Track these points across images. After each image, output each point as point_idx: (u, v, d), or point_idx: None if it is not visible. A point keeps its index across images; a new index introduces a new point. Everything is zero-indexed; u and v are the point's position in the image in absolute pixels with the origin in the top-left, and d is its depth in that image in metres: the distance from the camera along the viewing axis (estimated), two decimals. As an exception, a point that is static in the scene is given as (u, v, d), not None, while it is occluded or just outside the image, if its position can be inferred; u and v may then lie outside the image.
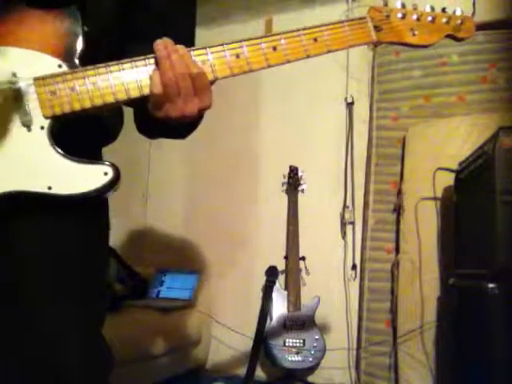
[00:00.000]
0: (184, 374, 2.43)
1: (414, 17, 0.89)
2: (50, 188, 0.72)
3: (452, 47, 2.38)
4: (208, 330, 2.63)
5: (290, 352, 2.27)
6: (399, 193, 2.35)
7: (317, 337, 2.29)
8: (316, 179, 2.54)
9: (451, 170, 2.01)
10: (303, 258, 2.46)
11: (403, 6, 0.89)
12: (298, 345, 2.28)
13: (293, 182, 2.48)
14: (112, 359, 0.83)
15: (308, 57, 0.85)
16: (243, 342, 2.53)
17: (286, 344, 2.28)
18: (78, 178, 0.73)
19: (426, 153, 2.26)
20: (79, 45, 0.75)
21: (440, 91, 2.40)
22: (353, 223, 2.54)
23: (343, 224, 2.55)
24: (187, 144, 3.38)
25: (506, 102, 2.22)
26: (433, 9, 0.91)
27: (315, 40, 0.83)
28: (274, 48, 0.82)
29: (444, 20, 0.91)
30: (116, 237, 2.91)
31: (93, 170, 0.74)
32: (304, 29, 0.83)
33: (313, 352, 2.27)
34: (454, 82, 2.37)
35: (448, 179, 2.05)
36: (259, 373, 2.44)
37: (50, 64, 0.74)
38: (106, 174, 0.73)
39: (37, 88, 0.73)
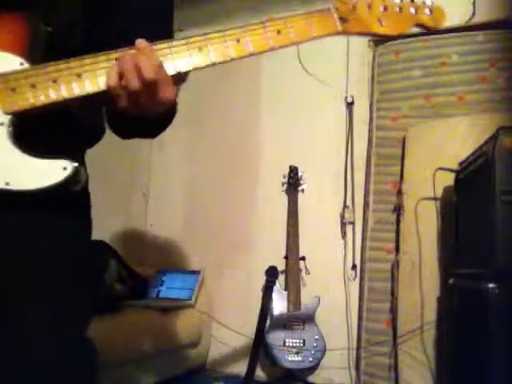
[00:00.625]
0: (184, 374, 2.43)
1: (381, 8, 0.88)
2: (7, 184, 0.72)
3: (452, 47, 2.39)
4: (208, 330, 2.63)
5: (290, 352, 2.27)
6: (399, 193, 2.35)
7: (317, 337, 2.29)
8: (316, 179, 2.54)
9: (451, 170, 2.01)
10: (303, 258, 2.46)
11: None
12: (297, 345, 2.28)
13: (293, 182, 2.48)
14: (93, 359, 0.82)
15: (272, 49, 0.84)
16: (243, 341, 2.53)
17: (286, 344, 2.28)
18: (36, 174, 0.73)
19: (426, 153, 2.26)
20: (41, 44, 0.76)
21: (440, 91, 2.40)
22: (353, 223, 2.54)
23: (343, 224, 2.55)
24: (187, 144, 3.40)
25: (506, 102, 2.22)
26: None
27: (278, 32, 0.83)
28: (238, 40, 0.82)
29: (412, 10, 0.90)
30: (116, 237, 2.92)
31: (51, 166, 0.74)
32: (268, 21, 0.84)
33: (313, 352, 2.27)
34: (454, 82, 2.38)
35: (448, 179, 2.05)
36: (259, 373, 2.44)
37: (12, 62, 0.75)
38: (64, 168, 0.73)
39: None
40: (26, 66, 0.75)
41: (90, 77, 0.75)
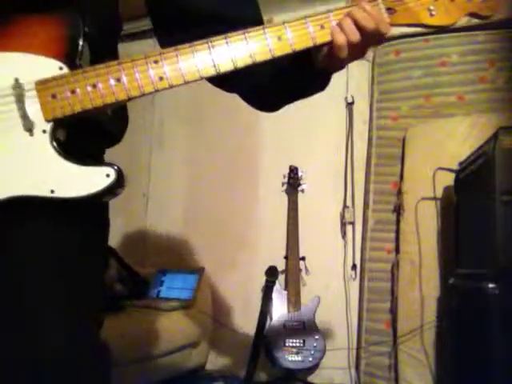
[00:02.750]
0: (184, 374, 2.43)
1: None
2: (52, 191, 0.72)
3: (452, 47, 2.39)
4: (208, 329, 2.63)
5: (290, 352, 2.27)
6: (399, 193, 2.35)
7: (317, 337, 2.29)
8: (316, 179, 2.54)
9: (451, 170, 2.01)
10: (303, 258, 2.46)
11: None
12: (297, 345, 2.28)
13: (293, 181, 2.48)
14: (107, 358, 0.83)
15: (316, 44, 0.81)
16: (243, 341, 2.53)
17: (286, 344, 2.28)
18: (81, 181, 0.73)
19: (425, 153, 2.26)
20: (80, 46, 0.75)
21: (440, 91, 2.40)
22: (353, 223, 2.54)
23: (343, 224, 2.55)
24: (187, 144, 3.40)
25: (506, 102, 2.22)
26: None
27: (322, 27, 0.79)
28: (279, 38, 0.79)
29: None
30: (116, 237, 2.92)
31: (95, 173, 0.74)
32: (315, 14, 0.80)
33: (313, 352, 2.27)
34: (454, 82, 2.37)
35: (448, 179, 2.05)
36: (259, 373, 2.44)
37: (51, 67, 0.74)
38: (108, 175, 0.74)
39: (38, 92, 0.73)
40: (66, 70, 0.74)
41: (129, 81, 0.75)
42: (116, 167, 0.74)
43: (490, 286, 1.48)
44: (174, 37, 0.88)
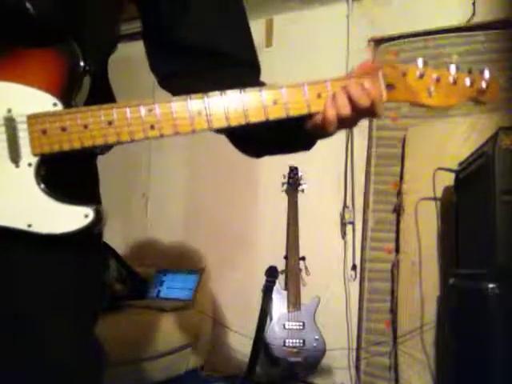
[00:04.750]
0: (184, 373, 2.43)
1: (434, 77, 0.82)
2: (29, 226, 0.73)
3: (452, 47, 2.38)
4: (208, 330, 2.63)
5: (290, 352, 2.27)
6: (399, 193, 2.35)
7: (317, 337, 2.29)
8: (316, 179, 2.54)
9: (451, 170, 2.01)
10: (303, 258, 2.46)
11: (425, 63, 0.82)
12: (297, 345, 2.28)
13: (293, 181, 2.48)
14: (103, 360, 0.83)
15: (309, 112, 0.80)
16: (243, 341, 2.53)
17: (286, 344, 2.28)
18: (58, 218, 0.73)
19: (425, 153, 2.26)
20: (78, 83, 0.75)
21: (440, 91, 2.39)
22: (353, 223, 2.54)
23: (343, 224, 2.55)
24: (187, 144, 3.40)
25: (506, 102, 2.22)
26: (458, 68, 0.84)
27: (319, 96, 0.78)
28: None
29: (467, 82, 0.83)
30: (116, 237, 2.92)
31: (74, 212, 0.74)
32: (310, 83, 0.78)
33: (313, 352, 2.27)
34: (454, 82, 2.37)
35: (448, 179, 2.05)
36: (259, 373, 2.44)
37: (46, 101, 0.74)
38: (86, 216, 0.73)
39: (29, 126, 0.73)
40: (60, 107, 0.74)
41: (121, 126, 0.74)
42: (95, 208, 0.73)
43: (490, 286, 1.48)
44: (167, 65, 0.90)
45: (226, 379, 2.50)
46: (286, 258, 2.45)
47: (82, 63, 0.74)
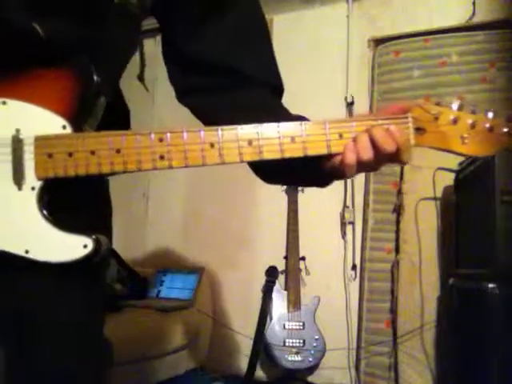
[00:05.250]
0: (184, 373, 2.43)
1: (469, 122, 0.73)
2: (27, 252, 0.71)
3: (452, 47, 2.39)
4: (208, 330, 2.63)
5: (290, 352, 2.27)
6: (399, 193, 2.35)
7: (317, 337, 2.29)
8: (316, 179, 2.53)
9: (451, 170, 2.01)
10: (303, 258, 2.46)
11: (460, 108, 0.74)
12: (298, 345, 2.28)
13: (293, 181, 2.48)
14: (109, 357, 0.83)
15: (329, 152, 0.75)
16: (243, 341, 2.53)
17: (286, 344, 2.28)
18: (57, 246, 0.71)
19: (425, 153, 2.26)
20: (89, 103, 0.73)
21: (440, 91, 2.40)
22: (353, 223, 2.54)
23: (343, 224, 2.55)
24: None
25: (506, 102, 2.22)
26: (495, 114, 0.74)
27: (341, 136, 0.74)
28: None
29: (505, 129, 0.73)
30: (116, 237, 2.91)
31: (73, 241, 0.71)
32: (332, 121, 0.76)
33: (313, 352, 2.27)
34: (454, 82, 2.38)
35: (448, 179, 2.05)
36: (259, 373, 2.44)
37: (55, 123, 0.72)
38: (85, 246, 0.71)
39: (36, 148, 0.71)
40: (69, 130, 0.72)
41: (129, 154, 0.72)
42: (95, 238, 0.71)
43: (490, 286, 1.48)
44: (184, 80, 0.88)
45: (226, 379, 2.50)
46: (285, 258, 2.45)
47: (95, 83, 0.72)
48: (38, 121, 0.72)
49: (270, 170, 0.87)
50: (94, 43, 0.74)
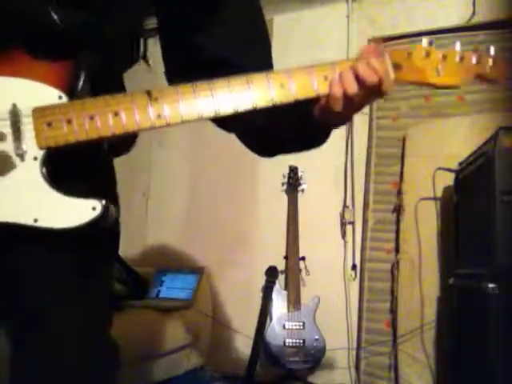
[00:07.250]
0: (184, 373, 2.43)
1: (440, 56, 0.81)
2: (36, 220, 0.71)
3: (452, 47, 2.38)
4: (208, 329, 2.63)
5: (290, 352, 2.27)
6: (399, 193, 2.35)
7: (317, 337, 2.29)
8: (316, 179, 2.53)
9: (451, 170, 2.01)
10: (303, 258, 2.46)
11: (430, 43, 0.81)
12: (298, 345, 2.28)
13: (293, 181, 2.48)
14: (115, 359, 0.84)
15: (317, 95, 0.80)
16: (243, 341, 2.53)
17: (286, 344, 2.28)
18: (65, 212, 0.72)
19: (425, 153, 2.26)
20: (84, 76, 0.74)
21: (440, 91, 2.39)
22: (353, 223, 2.54)
23: (343, 224, 2.55)
24: (188, 143, 3.39)
25: (506, 102, 2.22)
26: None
27: (326, 78, 0.79)
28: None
29: (474, 60, 0.81)
30: (116, 237, 2.91)
31: (81, 205, 0.72)
32: (316, 65, 0.81)
33: (313, 352, 2.27)
34: (454, 82, 2.37)
35: (448, 179, 2.05)
36: (259, 373, 2.44)
37: (50, 95, 0.73)
38: (94, 208, 0.72)
39: (34, 119, 0.72)
40: (65, 100, 0.73)
41: (127, 115, 0.73)
42: (103, 201, 0.72)
43: (490, 286, 1.48)
44: (184, 73, 0.88)
45: (226, 379, 2.50)
46: (285, 258, 2.45)
47: (89, 55, 0.74)
48: (34, 94, 0.73)
49: (265, 136, 0.90)
50: (102, 31, 0.76)
